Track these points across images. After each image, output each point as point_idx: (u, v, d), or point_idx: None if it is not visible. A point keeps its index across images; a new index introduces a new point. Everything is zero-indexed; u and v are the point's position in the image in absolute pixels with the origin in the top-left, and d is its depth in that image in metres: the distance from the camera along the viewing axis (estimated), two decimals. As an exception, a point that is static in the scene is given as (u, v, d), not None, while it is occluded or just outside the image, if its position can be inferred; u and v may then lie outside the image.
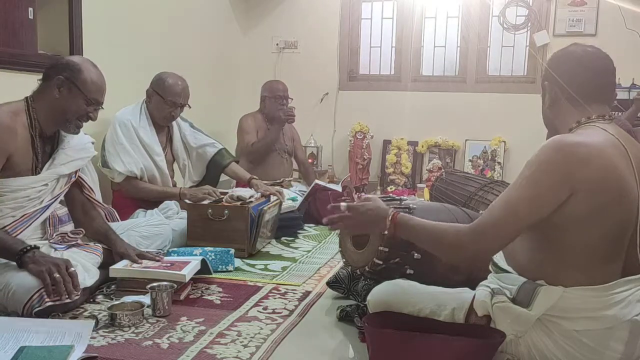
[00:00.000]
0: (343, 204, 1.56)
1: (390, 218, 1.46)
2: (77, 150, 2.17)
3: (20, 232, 1.96)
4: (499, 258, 1.53)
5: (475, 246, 1.35)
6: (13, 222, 1.95)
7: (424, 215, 1.87)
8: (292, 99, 3.97)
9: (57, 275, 1.76)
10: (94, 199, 2.29)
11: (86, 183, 2.26)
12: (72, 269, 1.84)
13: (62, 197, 2.15)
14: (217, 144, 3.30)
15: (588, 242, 1.33)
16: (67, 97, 2.01)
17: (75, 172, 2.18)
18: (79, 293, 1.84)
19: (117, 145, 2.85)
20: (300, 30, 4.91)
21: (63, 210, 2.19)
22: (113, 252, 2.16)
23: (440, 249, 1.44)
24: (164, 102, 2.94)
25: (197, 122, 3.36)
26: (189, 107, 3.07)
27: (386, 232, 1.49)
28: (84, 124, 2.13)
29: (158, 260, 2.17)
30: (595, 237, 1.32)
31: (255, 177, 3.29)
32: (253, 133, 3.85)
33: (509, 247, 1.43)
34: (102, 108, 2.14)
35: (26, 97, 2.03)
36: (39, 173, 2.03)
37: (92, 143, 2.30)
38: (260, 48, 4.98)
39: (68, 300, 1.78)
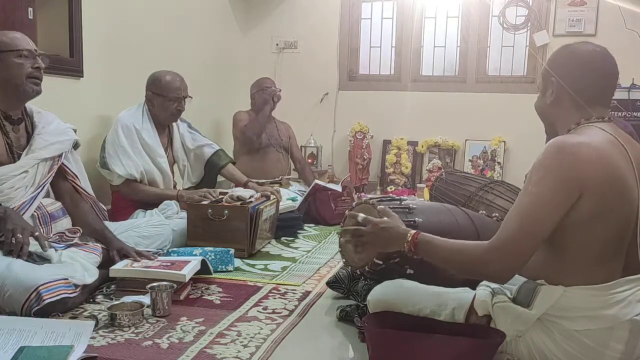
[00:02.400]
0: (361, 214, 1.56)
1: (410, 238, 1.45)
2: (55, 134, 2.18)
3: None
4: None
5: (499, 262, 1.32)
6: None
7: (424, 215, 1.87)
8: (280, 89, 4.01)
9: (19, 235, 1.82)
10: (80, 186, 2.29)
11: (69, 169, 2.25)
12: (37, 233, 1.90)
13: (47, 186, 2.14)
14: (214, 145, 3.30)
15: (589, 242, 1.32)
16: (2, 66, 2.02)
17: (57, 158, 2.18)
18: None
19: (117, 147, 2.84)
20: (300, 30, 4.91)
21: (55, 206, 2.18)
22: (110, 249, 2.16)
23: (462, 269, 1.42)
24: (167, 99, 2.95)
25: (196, 122, 3.36)
26: (191, 98, 3.07)
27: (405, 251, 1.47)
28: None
29: (152, 259, 2.17)
30: (596, 237, 1.32)
31: (251, 180, 3.28)
32: (246, 122, 3.92)
33: None
34: (39, 53, 2.12)
35: None
36: (18, 157, 2.04)
37: (74, 130, 2.30)
38: (260, 48, 4.98)
39: (60, 285, 1.79)
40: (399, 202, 1.97)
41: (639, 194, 1.34)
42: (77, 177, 2.28)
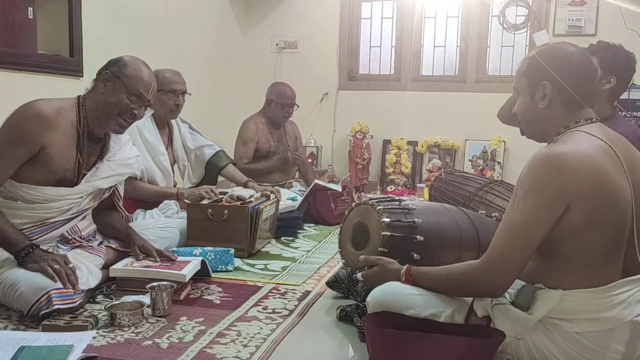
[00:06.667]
0: (359, 273, 1.73)
1: (404, 276, 1.56)
2: (120, 164, 2.15)
3: (36, 239, 1.96)
4: None
5: (490, 279, 1.36)
6: (30, 227, 1.95)
7: (423, 216, 1.87)
8: (298, 106, 3.96)
9: (56, 266, 1.79)
10: (120, 207, 2.27)
11: (117, 192, 2.23)
12: (71, 264, 1.86)
13: (87, 213, 2.12)
14: (215, 146, 3.30)
15: (585, 248, 1.32)
16: (111, 91, 2.00)
17: (110, 187, 2.15)
18: (80, 290, 1.84)
19: None
20: (300, 30, 4.92)
21: (89, 230, 2.15)
22: (131, 245, 2.17)
23: (458, 291, 1.48)
24: (165, 93, 2.94)
25: (196, 122, 3.36)
26: (189, 94, 3.07)
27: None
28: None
29: (174, 260, 2.16)
30: (592, 243, 1.31)
31: (251, 180, 3.28)
32: (251, 144, 3.80)
33: None
34: (150, 106, 2.12)
35: (78, 96, 2.04)
36: (81, 177, 2.01)
37: (138, 156, 2.29)
38: (260, 48, 4.98)
39: (72, 293, 1.79)
40: (398, 202, 1.97)
41: (632, 195, 1.34)
42: (121, 198, 2.26)
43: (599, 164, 1.30)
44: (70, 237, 2.06)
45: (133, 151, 2.25)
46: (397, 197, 2.09)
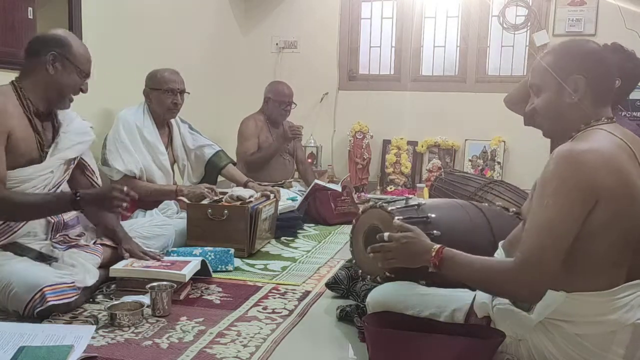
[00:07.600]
0: (386, 233, 1.52)
1: (434, 253, 1.41)
2: (78, 134, 2.19)
3: (22, 226, 1.96)
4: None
5: (530, 282, 1.28)
6: None
7: (435, 211, 1.82)
8: (295, 105, 3.96)
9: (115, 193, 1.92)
10: (97, 183, 2.29)
11: (88, 165, 2.26)
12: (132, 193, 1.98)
13: (62, 186, 2.13)
14: (215, 146, 3.30)
15: (597, 250, 1.30)
16: (62, 72, 2.02)
17: (76, 158, 2.19)
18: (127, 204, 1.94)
19: (118, 143, 2.85)
20: (300, 30, 4.92)
21: (70, 215, 2.16)
22: (118, 248, 2.18)
23: (490, 289, 1.40)
24: (162, 92, 2.95)
25: (196, 122, 3.36)
26: (188, 93, 3.07)
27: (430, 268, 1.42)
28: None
29: (158, 259, 2.17)
30: (605, 244, 1.29)
31: (251, 180, 3.29)
32: (253, 139, 3.82)
33: (510, 250, 1.42)
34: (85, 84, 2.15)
35: (11, 81, 2.04)
36: (45, 154, 2.04)
37: (91, 127, 2.31)
38: (260, 48, 4.98)
39: (66, 288, 1.81)
40: (404, 201, 1.95)
41: None
42: (94, 173, 2.30)
43: (621, 163, 1.29)
44: (53, 221, 2.06)
45: (84, 123, 2.28)
46: (402, 197, 2.06)
